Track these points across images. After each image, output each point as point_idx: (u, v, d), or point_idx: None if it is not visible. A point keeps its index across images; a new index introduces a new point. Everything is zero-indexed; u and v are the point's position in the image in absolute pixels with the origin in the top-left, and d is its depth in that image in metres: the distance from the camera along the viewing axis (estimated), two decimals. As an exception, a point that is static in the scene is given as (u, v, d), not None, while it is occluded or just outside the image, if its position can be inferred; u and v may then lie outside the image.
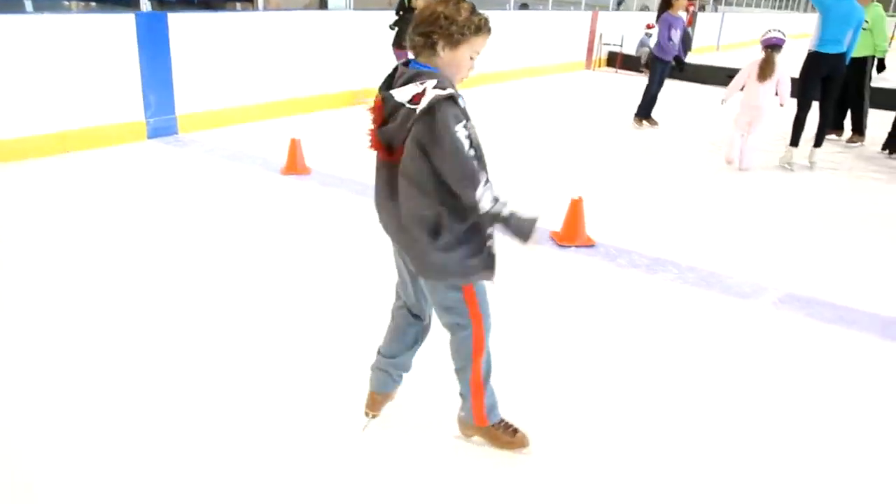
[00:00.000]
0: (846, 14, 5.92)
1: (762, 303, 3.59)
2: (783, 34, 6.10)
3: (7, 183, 4.90)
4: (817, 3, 5.99)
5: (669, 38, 7.67)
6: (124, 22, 6.01)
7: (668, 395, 2.73)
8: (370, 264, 3.75)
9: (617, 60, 14.05)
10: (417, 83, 1.85)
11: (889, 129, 7.29)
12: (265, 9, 7.43)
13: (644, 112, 8.08)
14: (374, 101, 1.95)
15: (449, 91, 1.82)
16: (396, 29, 7.79)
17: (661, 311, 3.42)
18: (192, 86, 6.60)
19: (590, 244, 4.21)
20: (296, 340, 2.98)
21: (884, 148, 7.30)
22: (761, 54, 6.16)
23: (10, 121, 5.38)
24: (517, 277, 3.66)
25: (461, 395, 2.30)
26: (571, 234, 4.21)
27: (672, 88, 11.57)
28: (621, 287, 3.68)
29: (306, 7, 9.64)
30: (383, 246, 3.91)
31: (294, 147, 5.51)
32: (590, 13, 13.93)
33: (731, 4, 23.28)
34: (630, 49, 14.44)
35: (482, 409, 2.27)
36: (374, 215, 2.17)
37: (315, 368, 2.79)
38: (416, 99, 1.82)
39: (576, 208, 4.19)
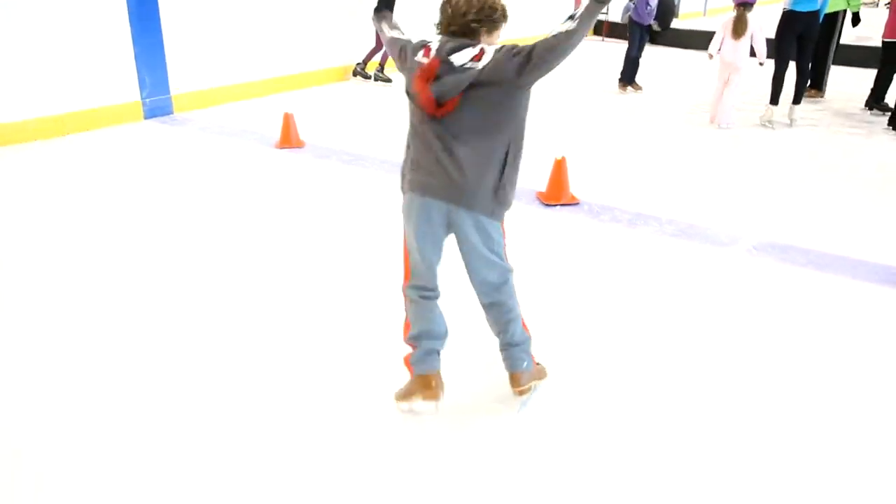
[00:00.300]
0: (819, -28, 6.05)
1: (738, 250, 3.76)
2: None
3: (7, 166, 5.04)
4: None
5: (647, 4, 7.77)
6: None
7: (651, 341, 2.90)
8: (363, 232, 3.91)
9: (603, 28, 14.08)
10: (470, 48, 2.11)
11: (870, 85, 7.42)
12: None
13: (627, 77, 8.18)
14: (431, 63, 2.13)
15: None
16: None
17: (643, 263, 3.59)
18: (186, 64, 6.69)
19: (574, 202, 4.37)
20: (295, 323, 3.11)
21: (866, 105, 7.44)
22: (734, 12, 6.35)
23: (8, 103, 5.49)
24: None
25: (515, 345, 2.37)
26: (556, 194, 4.36)
27: (657, 54, 11.66)
28: (605, 242, 3.84)
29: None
30: (375, 212, 4.06)
31: (287, 121, 5.63)
32: (577, -19, 13.95)
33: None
34: (616, 16, 14.46)
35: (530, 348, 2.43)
36: (367, 183, 2.32)
37: (316, 353, 2.95)
38: (476, 57, 2.09)
39: (559, 168, 4.34)
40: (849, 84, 8.32)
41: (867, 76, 8.03)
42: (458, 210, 2.17)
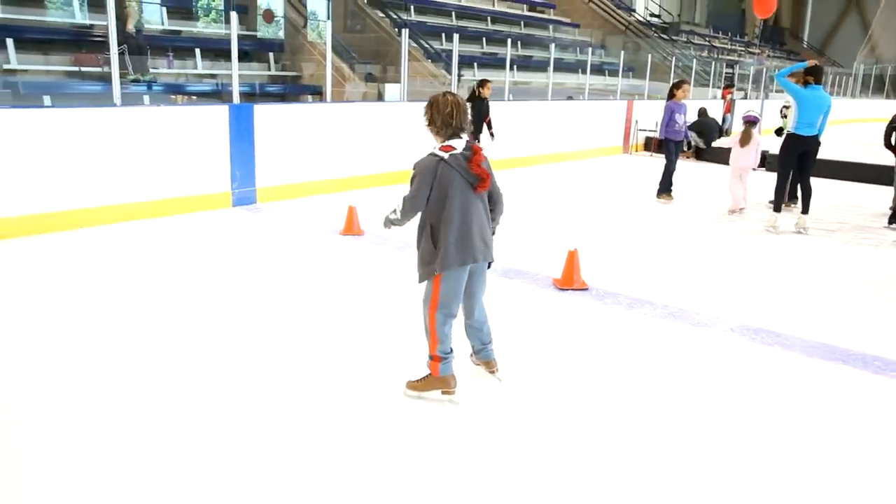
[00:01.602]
0: (819, 102, 6.79)
1: (717, 331, 4.32)
2: (757, 114, 8.22)
3: (127, 239, 6.11)
4: (793, 93, 6.86)
5: (674, 122, 8.64)
6: (219, 112, 7.34)
7: (636, 410, 3.45)
8: (410, 306, 4.68)
9: (652, 144, 14.99)
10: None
11: (891, 203, 7.90)
12: (332, 101, 8.76)
13: (662, 188, 8.95)
14: (478, 148, 3.16)
15: None
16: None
17: (635, 342, 4.16)
18: (270, 163, 7.85)
19: (583, 287, 5.04)
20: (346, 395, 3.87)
21: (890, 221, 7.79)
22: (742, 127, 8.06)
23: (129, 189, 6.65)
24: (520, 315, 4.52)
25: (490, 342, 3.51)
26: (568, 280, 5.04)
27: (701, 169, 12.40)
28: (606, 323, 4.46)
29: (365, 99, 11.03)
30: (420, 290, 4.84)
31: (351, 213, 6.58)
32: (625, 102, 15.03)
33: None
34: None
35: None
36: (412, 265, 3.13)
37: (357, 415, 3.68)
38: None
39: (572, 258, 5.05)
40: (866, 198, 8.80)
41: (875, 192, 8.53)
42: (483, 263, 3.23)
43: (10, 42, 8.25)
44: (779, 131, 9.73)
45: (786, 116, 9.21)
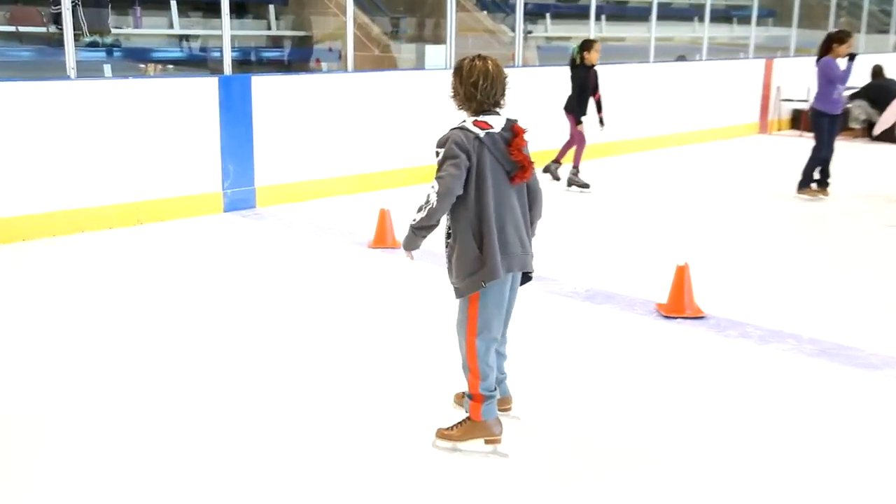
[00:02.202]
0: None
1: (889, 375, 4.52)
2: None
3: (81, 253, 6.59)
4: None
5: (834, 87, 8.77)
6: (205, 85, 7.85)
7: (774, 467, 3.73)
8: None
9: (802, 120, 15.10)
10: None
11: None
12: (354, 70, 9.22)
13: (806, 178, 9.16)
14: (519, 132, 3.47)
15: None
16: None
17: (775, 387, 4.37)
18: (274, 156, 8.31)
19: (698, 315, 5.29)
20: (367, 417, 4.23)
21: None
22: None
23: (87, 189, 7.16)
24: (611, 352, 4.81)
25: (506, 376, 3.84)
26: (678, 305, 5.30)
27: (873, 153, 12.49)
28: (730, 360, 4.72)
29: (398, 66, 11.49)
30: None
31: (383, 218, 6.95)
32: (762, 61, 15.20)
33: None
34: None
35: None
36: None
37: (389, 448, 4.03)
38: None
39: (682, 276, 5.30)
40: None
41: None
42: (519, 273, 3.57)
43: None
44: None
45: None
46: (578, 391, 4.25)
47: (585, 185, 9.58)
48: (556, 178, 9.96)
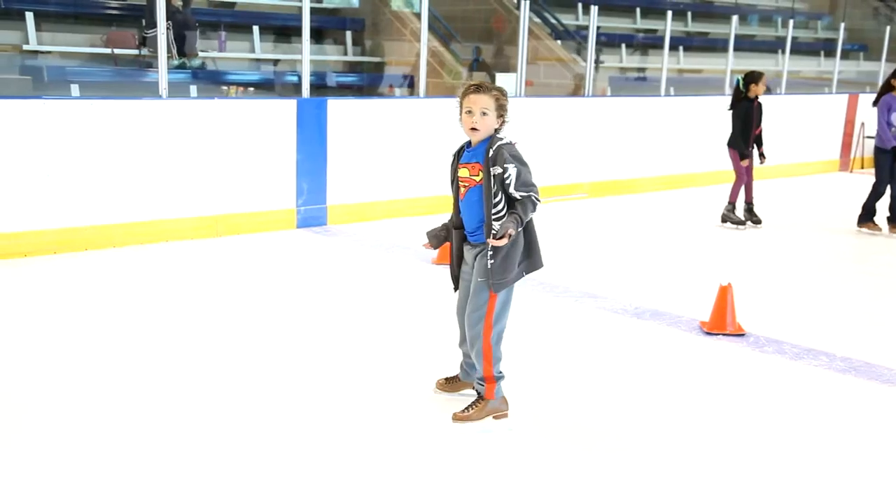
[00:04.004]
0: None
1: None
2: None
3: (164, 260, 7.46)
4: None
5: (890, 125, 9.33)
6: (285, 108, 8.72)
7: (820, 484, 4.33)
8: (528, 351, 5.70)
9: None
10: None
11: None
12: (426, 95, 10.03)
13: (866, 213, 9.74)
14: None
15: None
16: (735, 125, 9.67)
17: (804, 399, 4.97)
18: (346, 175, 9.14)
19: (739, 332, 5.88)
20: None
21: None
22: None
23: (172, 201, 8.06)
24: (655, 365, 5.44)
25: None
26: (719, 322, 5.91)
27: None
28: (763, 375, 5.31)
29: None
30: (530, 329, 5.84)
31: (445, 237, 7.70)
32: (845, 96, 15.61)
33: None
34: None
35: None
36: (524, 297, 4.17)
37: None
38: None
39: (724, 295, 5.91)
40: None
41: None
42: None
43: (29, 16, 9.98)
44: None
45: None
46: (634, 400, 4.87)
47: (741, 222, 9.84)
48: (750, 221, 9.97)
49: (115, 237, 7.76)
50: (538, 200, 4.20)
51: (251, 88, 10.84)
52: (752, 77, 9.63)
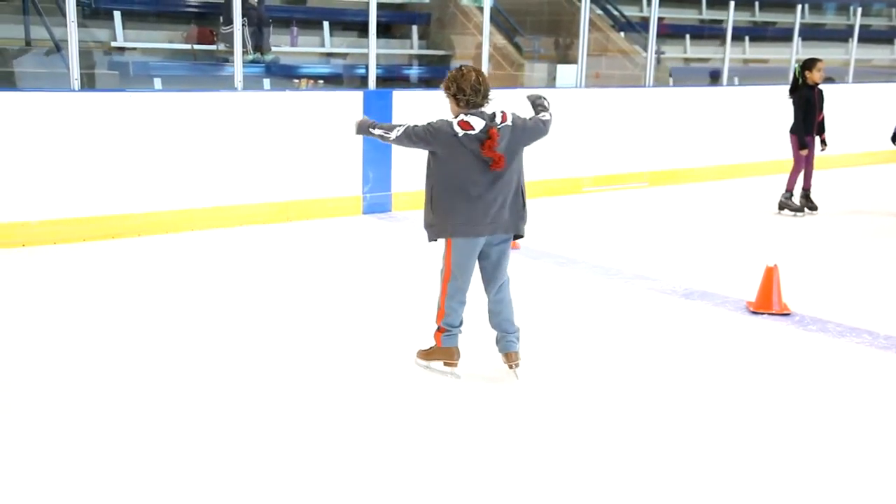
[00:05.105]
0: None
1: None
2: None
3: (238, 244, 7.86)
4: None
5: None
6: (352, 99, 9.07)
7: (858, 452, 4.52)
8: (569, 328, 5.95)
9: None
10: (497, 112, 4.60)
11: None
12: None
13: None
14: (492, 133, 4.50)
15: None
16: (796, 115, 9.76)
17: (844, 375, 5.12)
18: (410, 163, 9.41)
19: (784, 312, 6.04)
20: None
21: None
22: None
23: (245, 187, 8.46)
24: (702, 342, 5.64)
25: (513, 332, 4.84)
26: (765, 302, 6.07)
27: None
28: (806, 353, 5.48)
29: (529, 84, 12.50)
30: (578, 309, 6.05)
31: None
32: (916, 85, 15.44)
33: None
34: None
35: None
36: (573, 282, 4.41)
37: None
38: (503, 119, 4.62)
39: (770, 276, 6.07)
40: None
41: None
42: (496, 236, 4.70)
43: (117, 15, 10.53)
44: None
45: None
46: (680, 376, 5.09)
47: (799, 209, 9.94)
48: (807, 208, 10.04)
49: (194, 221, 8.19)
50: (388, 133, 4.82)
51: (321, 81, 11.22)
52: (807, 65, 9.75)
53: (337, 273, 7.09)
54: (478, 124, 4.53)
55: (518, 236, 4.91)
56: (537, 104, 5.01)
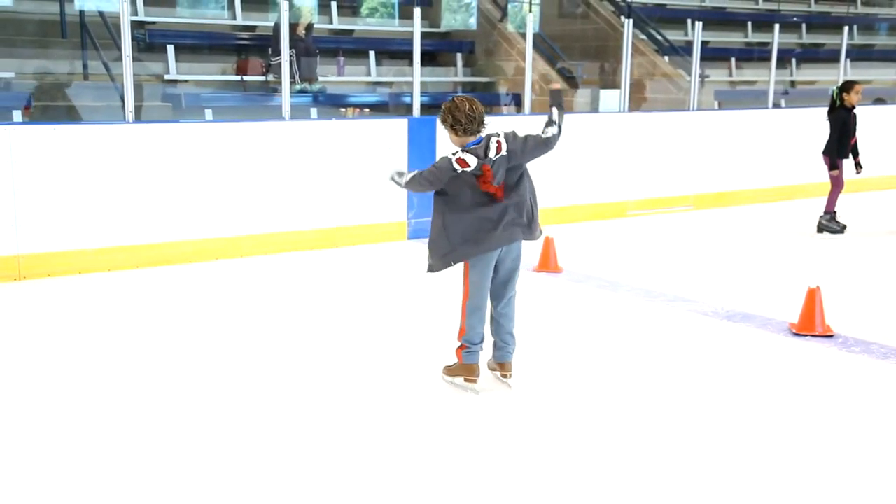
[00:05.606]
0: None
1: None
2: None
3: (282, 271, 8.01)
4: None
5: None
6: (398, 127, 9.22)
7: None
8: (614, 350, 5.98)
9: None
10: (492, 142, 4.76)
11: None
12: (531, 112, 10.38)
13: None
14: (486, 169, 4.72)
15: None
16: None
17: (889, 397, 5.11)
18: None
19: (828, 334, 6.01)
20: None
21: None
22: None
23: (292, 214, 8.63)
24: (744, 365, 5.63)
25: (511, 343, 5.05)
26: (808, 324, 6.04)
27: None
28: (850, 376, 5.44)
29: (574, 110, 12.57)
30: (625, 333, 6.11)
31: (548, 246, 8.01)
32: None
33: None
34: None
35: None
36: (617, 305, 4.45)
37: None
38: (499, 149, 4.77)
39: (812, 298, 6.05)
40: None
41: None
42: (510, 248, 4.90)
43: (170, 49, 10.84)
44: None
45: None
46: (720, 398, 5.12)
47: (839, 231, 9.81)
48: (837, 230, 9.89)
49: (244, 247, 8.38)
50: (404, 177, 5.15)
51: (367, 109, 11.41)
52: (845, 87, 9.77)
53: (382, 296, 7.20)
54: (472, 162, 4.72)
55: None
56: (549, 118, 5.04)
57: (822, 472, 4.10)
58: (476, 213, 4.78)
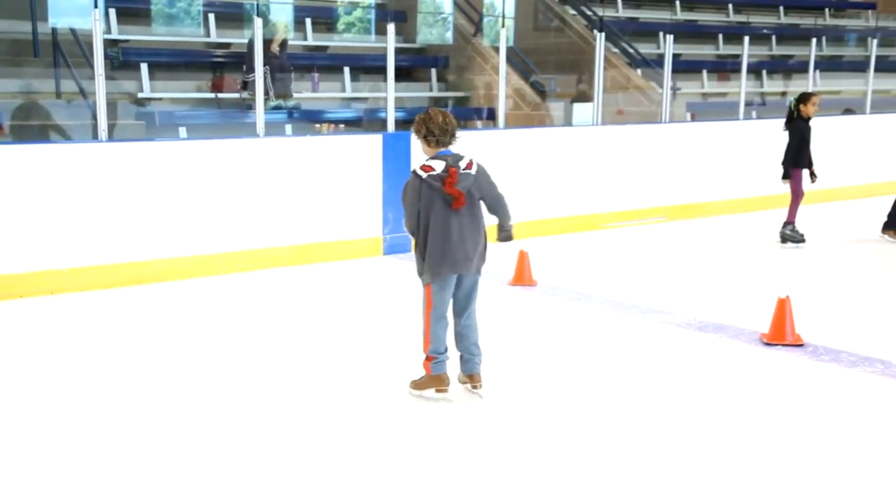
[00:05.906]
0: None
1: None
2: None
3: (258, 288, 8.00)
4: None
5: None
6: (372, 142, 9.24)
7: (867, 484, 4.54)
8: (583, 361, 6.01)
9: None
10: (465, 157, 5.03)
11: None
12: (505, 126, 10.44)
13: (891, 220, 10.04)
14: (452, 171, 4.91)
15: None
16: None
17: (856, 404, 5.16)
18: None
19: (797, 343, 6.07)
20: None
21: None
22: None
23: (266, 231, 8.62)
24: (716, 375, 5.68)
25: (478, 354, 5.16)
26: (778, 333, 6.10)
27: None
28: (819, 384, 5.50)
29: (545, 124, 12.66)
30: (598, 346, 6.14)
31: (522, 259, 8.05)
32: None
33: None
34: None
35: None
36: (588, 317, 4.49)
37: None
38: (468, 166, 5.03)
39: (783, 307, 6.12)
40: None
41: None
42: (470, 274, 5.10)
43: (144, 67, 10.80)
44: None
45: None
46: (694, 409, 5.17)
47: (801, 240, 9.88)
48: (799, 240, 9.95)
49: (219, 265, 8.34)
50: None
51: (342, 125, 11.43)
52: (802, 98, 9.87)
53: (359, 312, 7.21)
54: (439, 166, 4.94)
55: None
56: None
57: (794, 479, 4.15)
58: (452, 235, 4.96)
